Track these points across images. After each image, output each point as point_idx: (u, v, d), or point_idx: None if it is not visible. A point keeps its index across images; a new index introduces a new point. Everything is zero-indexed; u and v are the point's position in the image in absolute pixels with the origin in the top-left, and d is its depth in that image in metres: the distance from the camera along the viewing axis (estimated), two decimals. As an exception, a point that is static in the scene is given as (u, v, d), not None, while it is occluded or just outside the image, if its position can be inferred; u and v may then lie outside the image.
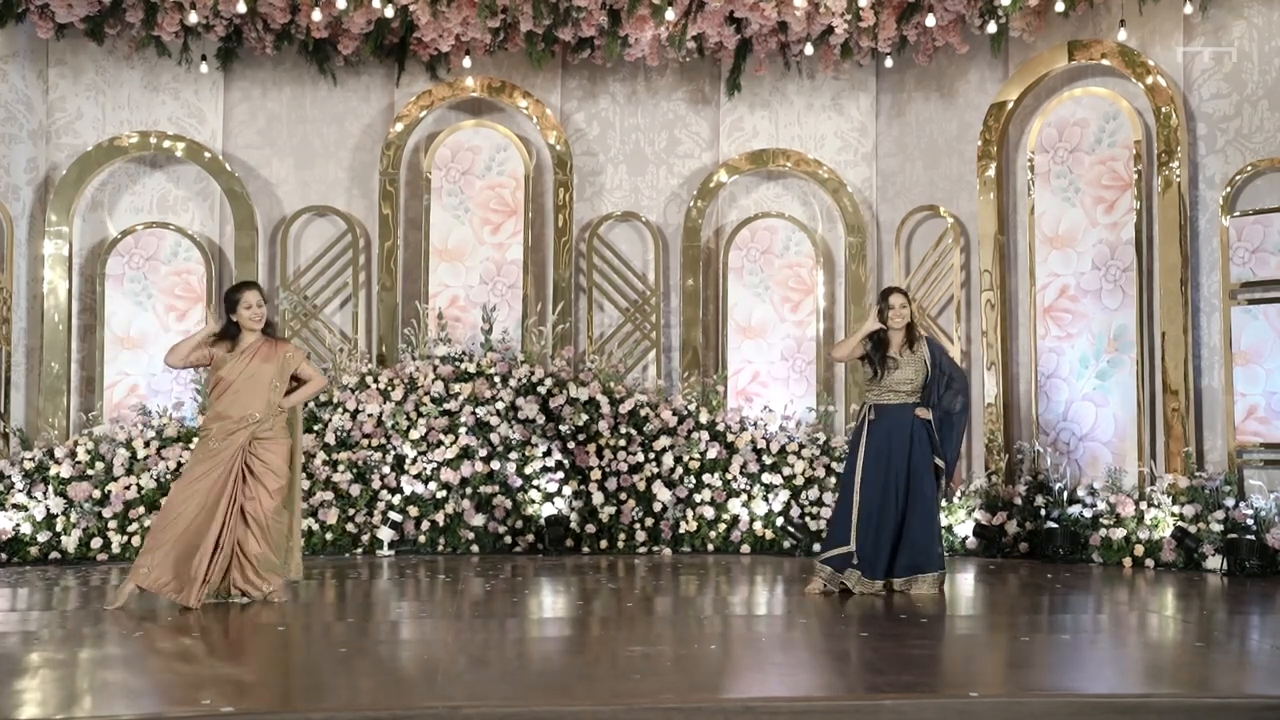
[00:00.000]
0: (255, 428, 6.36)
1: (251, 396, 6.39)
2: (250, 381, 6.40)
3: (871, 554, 6.59)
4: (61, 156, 9.57)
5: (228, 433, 6.33)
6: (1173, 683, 4.63)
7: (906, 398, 6.72)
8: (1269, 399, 7.82)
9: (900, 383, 6.72)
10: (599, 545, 9.02)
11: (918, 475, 6.66)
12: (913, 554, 6.63)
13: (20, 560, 8.35)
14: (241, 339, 6.48)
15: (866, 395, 6.86)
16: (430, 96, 9.85)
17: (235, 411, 6.35)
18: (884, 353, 6.74)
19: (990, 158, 9.28)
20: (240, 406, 6.37)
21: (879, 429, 6.70)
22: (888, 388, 6.73)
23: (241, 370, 6.40)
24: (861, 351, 6.81)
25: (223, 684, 4.50)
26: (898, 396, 6.72)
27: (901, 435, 6.67)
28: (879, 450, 6.66)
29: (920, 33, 9.24)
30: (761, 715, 4.03)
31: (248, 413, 6.36)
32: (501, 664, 4.78)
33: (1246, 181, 8.07)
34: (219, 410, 6.38)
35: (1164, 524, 7.93)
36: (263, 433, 6.39)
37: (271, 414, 6.42)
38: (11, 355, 9.14)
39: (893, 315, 6.76)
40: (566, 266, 9.81)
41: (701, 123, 10.24)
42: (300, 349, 6.84)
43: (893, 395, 6.73)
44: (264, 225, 9.77)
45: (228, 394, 6.39)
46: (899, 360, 6.73)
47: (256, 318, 6.48)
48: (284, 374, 6.51)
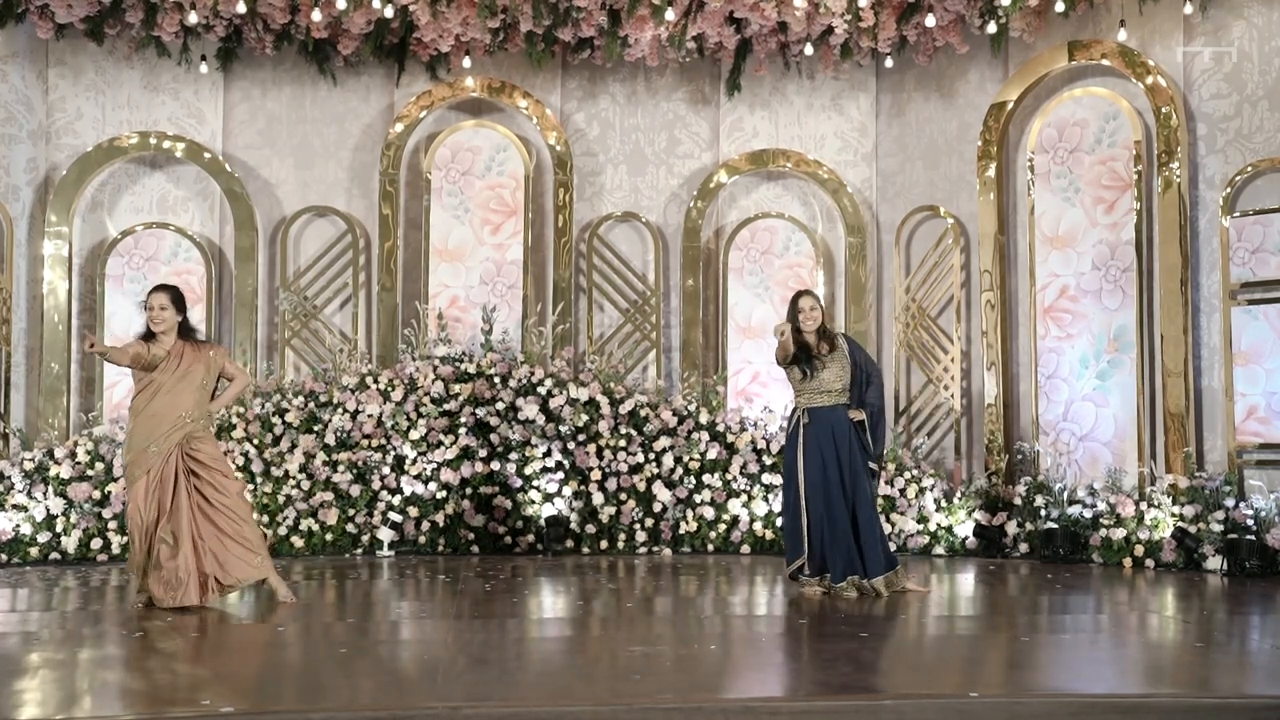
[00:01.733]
0: (190, 426, 6.32)
1: (182, 394, 6.34)
2: (182, 380, 6.36)
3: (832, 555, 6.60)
4: (61, 157, 9.57)
5: (162, 435, 6.27)
6: (1173, 683, 4.63)
7: (837, 398, 6.72)
8: (1269, 399, 7.82)
9: (829, 383, 6.72)
10: (599, 545, 9.02)
11: (857, 476, 6.64)
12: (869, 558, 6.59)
13: (20, 561, 8.35)
14: (161, 342, 6.43)
15: (797, 400, 6.83)
16: (430, 97, 9.86)
17: (168, 411, 6.30)
18: (809, 354, 6.75)
19: (990, 158, 9.28)
20: (170, 406, 6.31)
21: (813, 432, 6.68)
22: (817, 390, 6.72)
23: (174, 371, 6.36)
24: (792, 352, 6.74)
25: (223, 684, 4.50)
26: (828, 398, 6.72)
27: (838, 436, 6.65)
28: (816, 453, 6.64)
29: (920, 33, 9.24)
30: (761, 715, 4.03)
31: (180, 412, 6.31)
32: (501, 664, 4.78)
33: (1246, 182, 8.07)
34: (147, 412, 6.32)
35: (1164, 524, 7.93)
36: (196, 430, 6.35)
37: (202, 413, 6.40)
38: (11, 355, 9.14)
39: (803, 318, 6.78)
40: (566, 267, 9.81)
41: (701, 123, 10.24)
42: (224, 350, 6.77)
43: (824, 397, 6.72)
44: (264, 225, 9.77)
45: (158, 395, 6.33)
46: (824, 360, 6.74)
47: (157, 320, 6.41)
48: (212, 373, 6.49)
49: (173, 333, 6.46)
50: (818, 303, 6.87)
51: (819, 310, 6.84)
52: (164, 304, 6.44)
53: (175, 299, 6.51)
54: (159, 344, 6.42)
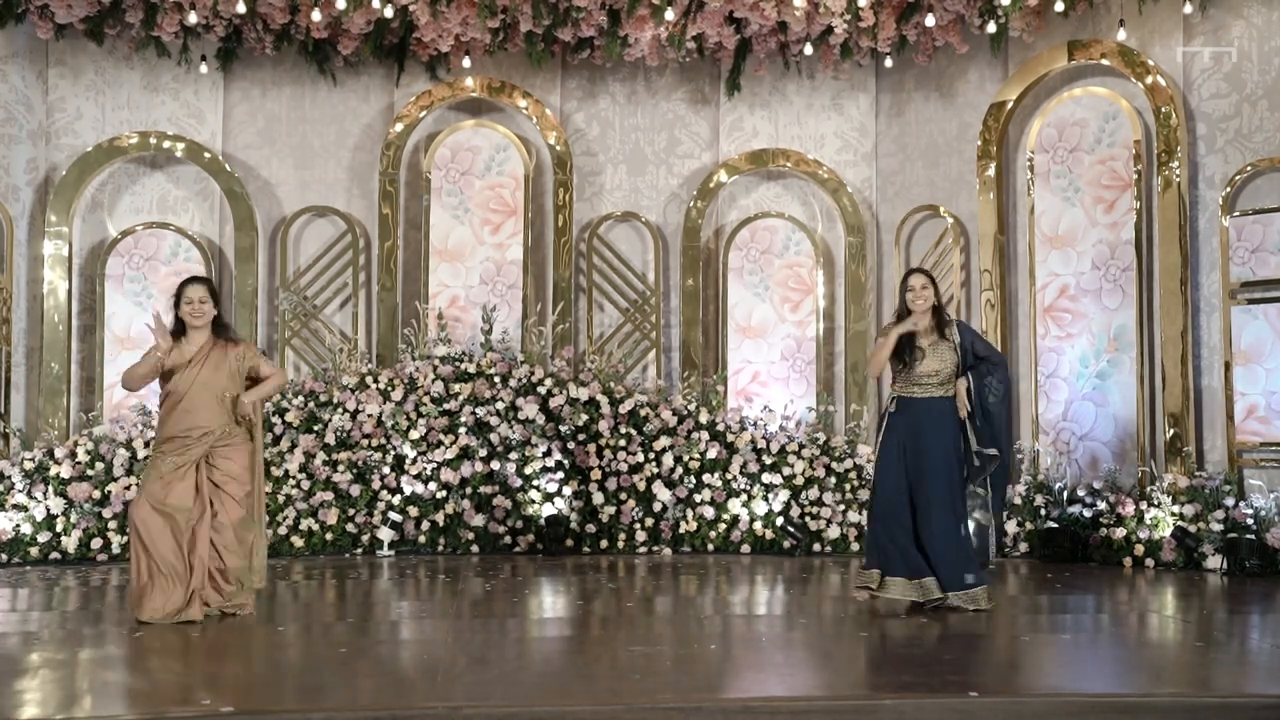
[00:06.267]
0: (214, 439, 5.89)
1: (202, 410, 5.88)
2: (201, 394, 5.90)
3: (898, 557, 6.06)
4: (61, 157, 9.57)
5: (187, 447, 5.86)
6: (1173, 683, 4.63)
7: (934, 389, 6.13)
8: (1269, 399, 7.82)
9: (926, 375, 6.13)
10: (599, 545, 9.02)
11: (935, 475, 6.05)
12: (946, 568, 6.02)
13: (20, 561, 8.35)
14: (188, 342, 5.99)
15: (892, 386, 6.28)
16: (430, 97, 9.86)
17: (186, 429, 5.87)
18: (913, 343, 6.15)
19: (990, 157, 9.28)
20: (191, 421, 5.87)
21: (899, 421, 6.15)
22: (913, 380, 6.15)
23: (191, 382, 5.90)
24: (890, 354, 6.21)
25: (223, 684, 4.50)
26: (924, 389, 6.13)
27: (925, 430, 6.08)
28: (895, 446, 6.14)
29: (920, 32, 9.24)
30: (761, 715, 4.03)
31: (199, 427, 5.88)
32: (501, 664, 4.78)
33: (1246, 181, 8.07)
34: (169, 431, 5.89)
35: (1164, 524, 7.93)
36: (219, 442, 5.92)
37: (227, 425, 5.95)
38: (11, 355, 9.14)
39: (912, 298, 6.16)
40: (566, 267, 9.80)
41: (701, 123, 10.23)
42: (254, 346, 6.33)
43: (918, 389, 6.15)
44: (264, 225, 9.77)
45: (177, 410, 5.90)
46: (925, 350, 6.13)
47: (197, 314, 5.95)
48: (237, 380, 6.00)
49: (207, 328, 6.01)
50: (930, 281, 6.20)
51: (931, 289, 6.18)
52: (204, 296, 5.97)
53: (212, 291, 6.04)
54: (189, 342, 5.98)
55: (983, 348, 6.29)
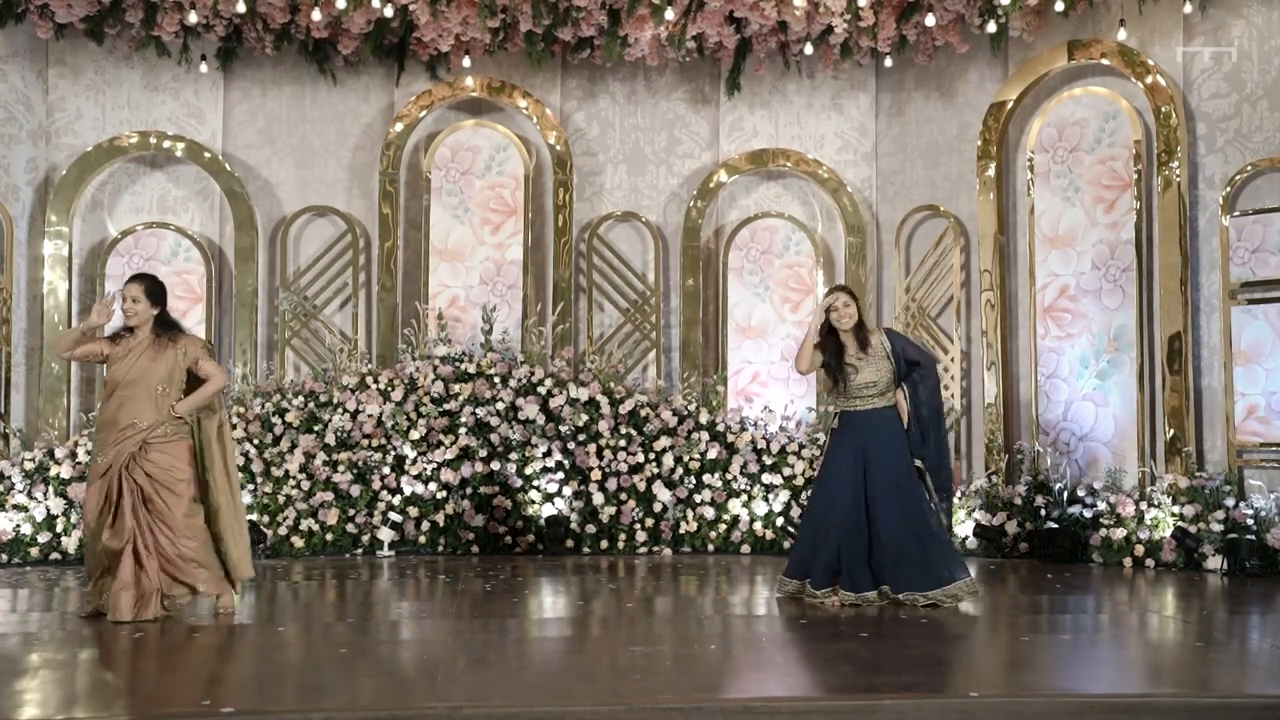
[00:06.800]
0: (145, 434, 5.82)
1: (136, 401, 5.82)
2: (136, 385, 5.83)
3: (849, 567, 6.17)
4: (61, 157, 9.57)
5: (114, 443, 5.80)
6: (1173, 683, 4.63)
7: (875, 400, 6.31)
8: (1269, 399, 7.82)
9: (864, 386, 6.31)
10: (599, 545, 9.02)
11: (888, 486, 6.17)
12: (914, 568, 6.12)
13: (21, 561, 8.35)
14: (132, 337, 5.94)
15: (835, 403, 6.48)
16: (430, 96, 9.85)
17: (121, 418, 5.82)
18: (841, 359, 6.34)
19: (990, 157, 9.28)
20: (125, 414, 5.82)
21: (843, 439, 6.32)
22: (852, 394, 6.33)
23: (127, 371, 5.83)
24: (821, 359, 6.38)
25: (223, 684, 4.50)
26: (865, 401, 6.32)
27: (870, 442, 6.24)
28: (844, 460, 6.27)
29: (920, 32, 9.24)
30: (761, 715, 4.03)
31: (132, 420, 5.82)
32: (501, 664, 4.78)
33: (1246, 181, 8.07)
34: (105, 417, 5.86)
35: (1164, 524, 7.93)
36: (154, 437, 5.84)
37: (161, 420, 5.86)
38: (11, 355, 9.14)
39: (836, 316, 6.35)
40: (566, 267, 9.80)
41: (701, 122, 10.23)
42: (198, 340, 6.13)
43: (859, 400, 6.33)
44: (264, 225, 9.77)
45: (114, 398, 5.85)
46: (856, 366, 6.32)
47: (130, 313, 5.90)
48: (175, 374, 5.91)
49: (146, 327, 5.95)
50: (852, 299, 6.40)
51: (854, 306, 6.38)
52: (136, 295, 5.91)
53: (150, 290, 5.95)
54: (133, 337, 5.94)
55: (914, 353, 6.47)
